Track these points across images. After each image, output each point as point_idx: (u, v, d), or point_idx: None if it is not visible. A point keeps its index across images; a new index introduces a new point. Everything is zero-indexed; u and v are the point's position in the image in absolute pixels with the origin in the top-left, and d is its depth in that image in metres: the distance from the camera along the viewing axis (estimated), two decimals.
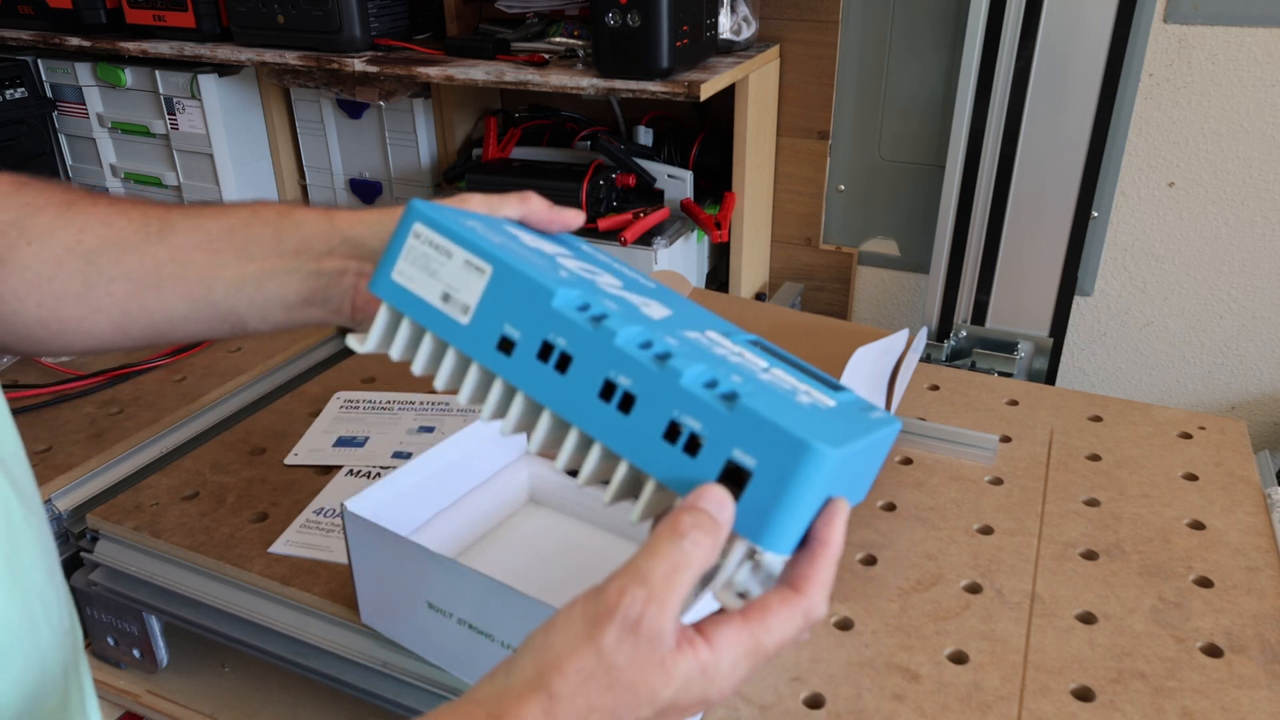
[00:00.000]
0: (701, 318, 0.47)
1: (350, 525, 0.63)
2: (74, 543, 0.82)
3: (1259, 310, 1.09)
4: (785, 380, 0.40)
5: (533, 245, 0.46)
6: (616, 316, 0.38)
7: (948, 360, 1.17)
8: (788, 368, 0.43)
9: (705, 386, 0.36)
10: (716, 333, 0.44)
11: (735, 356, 0.41)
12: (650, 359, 0.36)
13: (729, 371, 0.38)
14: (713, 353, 0.40)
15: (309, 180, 1.40)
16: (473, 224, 0.43)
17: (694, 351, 0.38)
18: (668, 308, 0.45)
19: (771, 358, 0.44)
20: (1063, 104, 1.03)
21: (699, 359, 0.37)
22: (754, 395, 0.36)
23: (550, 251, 0.46)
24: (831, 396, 0.41)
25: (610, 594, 0.33)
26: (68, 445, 0.87)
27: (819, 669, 0.64)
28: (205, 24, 1.22)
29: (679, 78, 1.00)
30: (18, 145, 1.37)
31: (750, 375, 0.39)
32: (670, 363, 0.36)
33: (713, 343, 0.42)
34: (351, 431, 0.89)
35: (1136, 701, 0.61)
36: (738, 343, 0.44)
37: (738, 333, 0.46)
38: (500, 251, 0.40)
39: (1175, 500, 0.80)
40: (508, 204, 0.49)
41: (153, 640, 0.80)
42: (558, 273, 0.42)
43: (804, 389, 0.41)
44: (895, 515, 0.78)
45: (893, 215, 1.22)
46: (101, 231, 0.49)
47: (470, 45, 1.14)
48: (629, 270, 0.51)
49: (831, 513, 0.37)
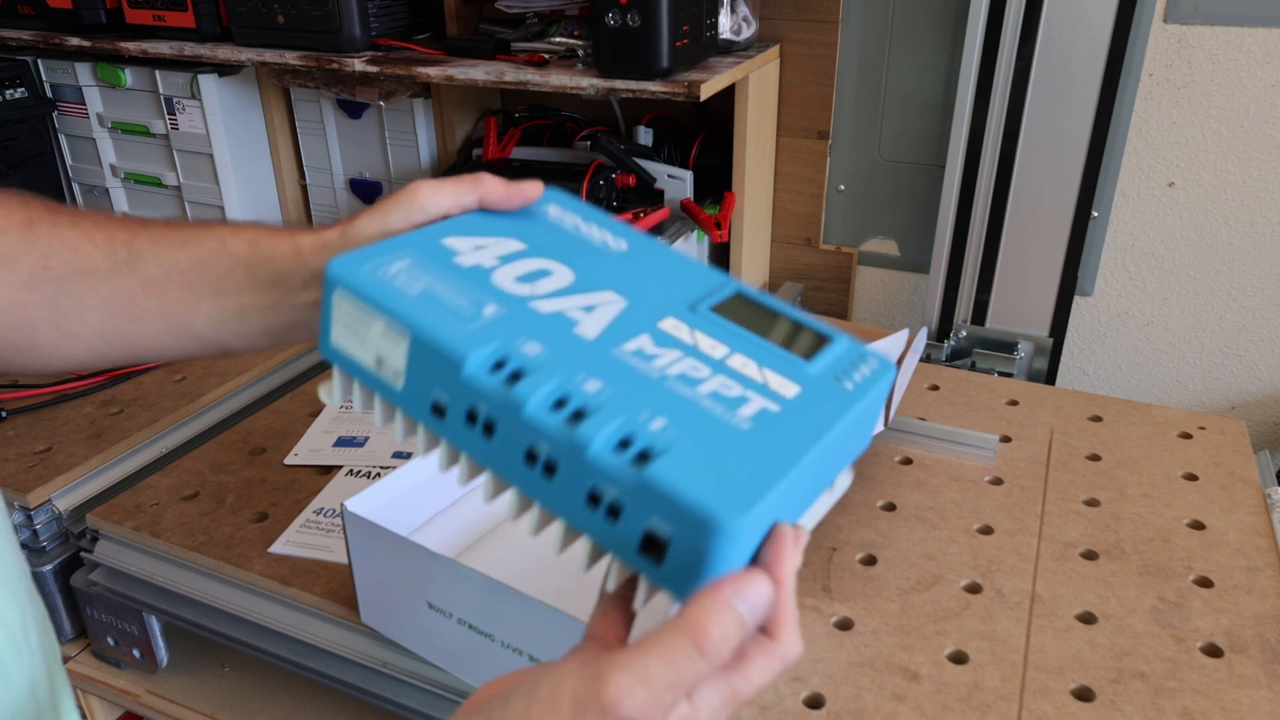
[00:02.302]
0: (667, 290, 0.44)
1: (350, 525, 0.63)
2: (74, 543, 0.82)
3: (1259, 310, 1.09)
4: (733, 385, 0.38)
5: (470, 265, 0.43)
6: (533, 372, 0.36)
7: (948, 360, 1.17)
8: (755, 341, 0.41)
9: (618, 448, 0.34)
10: (675, 318, 0.41)
11: (679, 364, 0.38)
12: (563, 424, 0.35)
13: (656, 408, 0.36)
14: (647, 376, 0.37)
15: (309, 180, 1.40)
16: (399, 266, 0.41)
17: (618, 392, 0.36)
18: (624, 295, 0.42)
19: (738, 331, 0.41)
20: (1063, 104, 1.03)
21: (619, 406, 0.35)
22: (671, 448, 0.34)
23: (491, 263, 0.43)
24: (799, 374, 0.39)
25: (609, 691, 0.31)
26: (68, 445, 0.87)
27: (819, 669, 0.64)
28: (205, 24, 1.22)
29: (679, 78, 1.00)
30: (18, 145, 1.37)
31: (681, 405, 0.36)
32: (582, 427, 0.34)
33: (657, 350, 0.39)
34: (351, 431, 0.89)
35: (1136, 701, 0.61)
36: (700, 321, 0.41)
37: (715, 292, 0.44)
38: (414, 313, 0.39)
39: (1175, 500, 0.80)
40: (461, 191, 0.47)
41: (153, 640, 0.80)
42: (480, 311, 0.39)
43: (760, 383, 0.38)
44: (895, 515, 0.78)
45: (893, 215, 1.22)
46: (68, 258, 0.47)
47: (470, 45, 1.14)
48: (601, 229, 0.48)
49: (778, 546, 0.34)
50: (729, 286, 0.45)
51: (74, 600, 0.83)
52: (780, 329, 0.42)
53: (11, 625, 0.42)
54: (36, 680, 0.43)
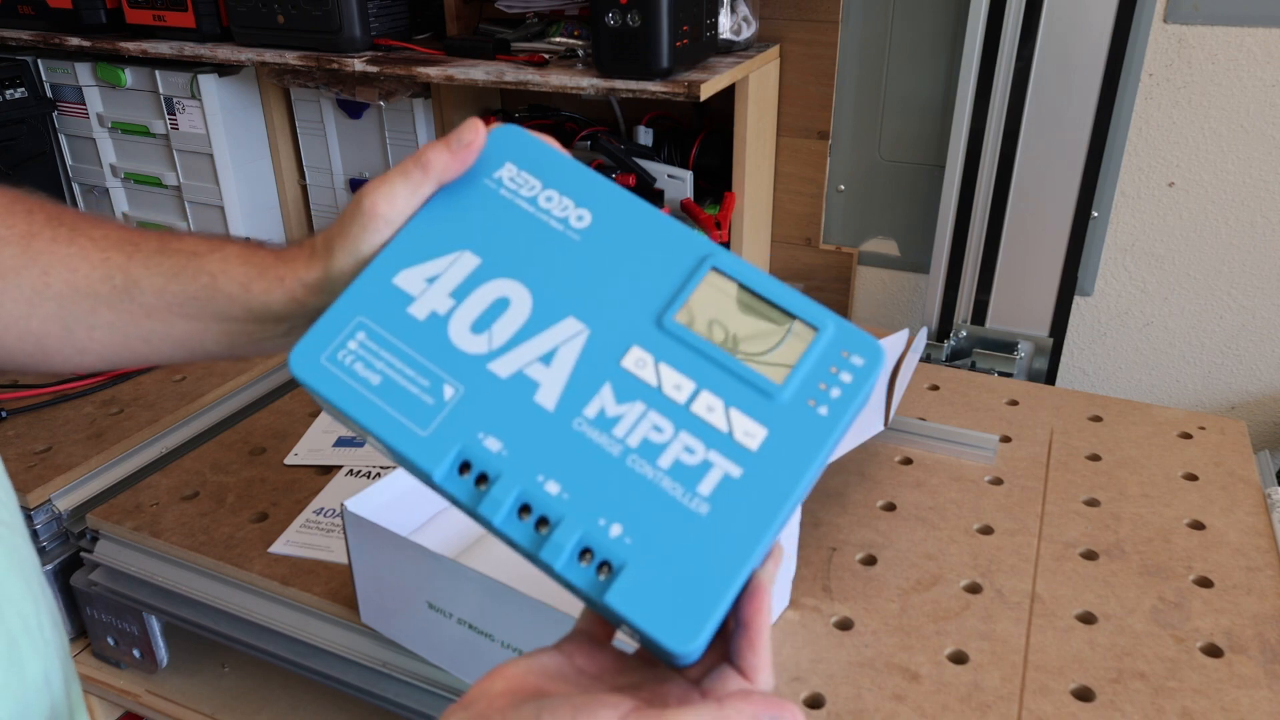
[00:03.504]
0: (633, 291, 0.41)
1: (350, 525, 0.63)
2: (74, 543, 0.82)
3: (1259, 310, 1.09)
4: (695, 446, 0.38)
5: (425, 317, 0.41)
6: (496, 480, 0.38)
7: (948, 360, 1.17)
8: (722, 364, 0.39)
9: (580, 560, 0.36)
10: (640, 348, 0.40)
11: (640, 427, 0.38)
12: (530, 535, 0.37)
13: (615, 506, 0.37)
14: (608, 455, 0.38)
15: (309, 180, 1.40)
16: (355, 344, 0.41)
17: (577, 492, 0.37)
18: (585, 320, 0.41)
19: (706, 349, 0.39)
20: (1063, 104, 1.03)
21: (578, 513, 0.37)
22: (629, 563, 0.36)
23: (445, 307, 0.41)
24: (768, 410, 0.38)
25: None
26: (68, 445, 0.87)
27: (819, 669, 0.64)
28: (205, 24, 1.22)
29: (679, 78, 0.99)
30: (18, 145, 1.37)
31: (640, 494, 0.37)
32: (546, 546, 0.37)
33: (618, 410, 0.39)
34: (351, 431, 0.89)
35: (1136, 701, 0.61)
36: (665, 346, 0.40)
37: (688, 277, 0.41)
38: (378, 419, 0.40)
39: (1175, 500, 0.80)
40: (413, 186, 0.43)
41: (153, 640, 0.80)
42: (441, 397, 0.40)
43: (724, 433, 0.38)
44: (895, 515, 0.78)
45: (893, 215, 1.22)
46: (67, 277, 0.46)
47: (470, 45, 1.14)
48: (562, 196, 0.43)
49: (753, 595, 0.36)
50: (705, 263, 0.41)
51: (74, 600, 0.83)
52: (754, 327, 0.40)
53: (27, 616, 0.42)
54: (51, 673, 0.43)
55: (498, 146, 0.45)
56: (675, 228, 0.42)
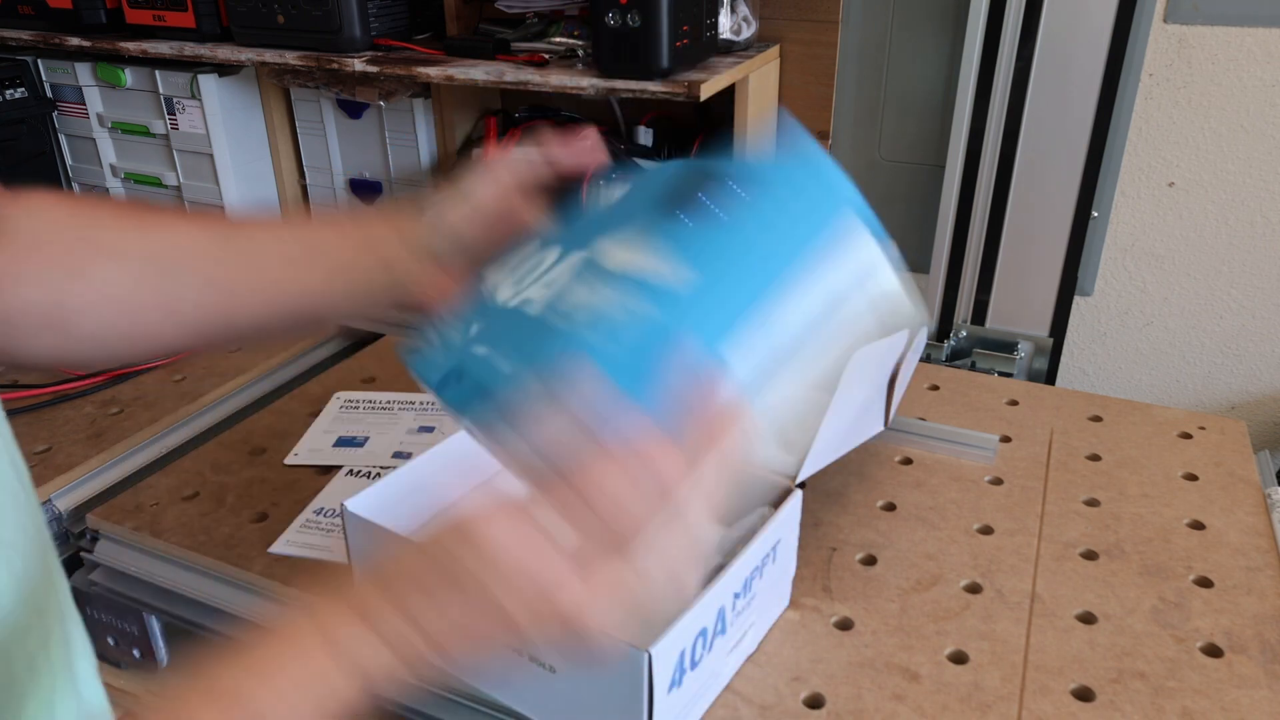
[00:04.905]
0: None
1: (350, 525, 0.63)
2: (74, 543, 0.82)
3: (1259, 310, 1.09)
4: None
5: None
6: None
7: (948, 360, 1.17)
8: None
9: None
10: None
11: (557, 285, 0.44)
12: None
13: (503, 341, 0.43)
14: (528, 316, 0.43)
15: (309, 180, 1.40)
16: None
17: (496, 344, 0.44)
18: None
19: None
20: (1063, 104, 1.03)
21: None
22: None
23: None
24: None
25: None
26: (68, 445, 0.87)
27: (819, 669, 0.64)
28: (205, 24, 1.22)
29: (679, 78, 0.99)
30: (18, 145, 1.37)
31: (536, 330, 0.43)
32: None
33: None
34: (351, 431, 0.89)
35: (1136, 701, 0.61)
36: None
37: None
38: None
39: (1175, 500, 0.80)
40: (528, 163, 0.49)
41: (153, 640, 0.80)
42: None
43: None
44: (895, 515, 0.78)
45: (893, 215, 1.22)
46: (172, 239, 0.49)
47: (470, 45, 1.14)
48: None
49: None
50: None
51: (75, 601, 0.82)
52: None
53: (34, 655, 0.42)
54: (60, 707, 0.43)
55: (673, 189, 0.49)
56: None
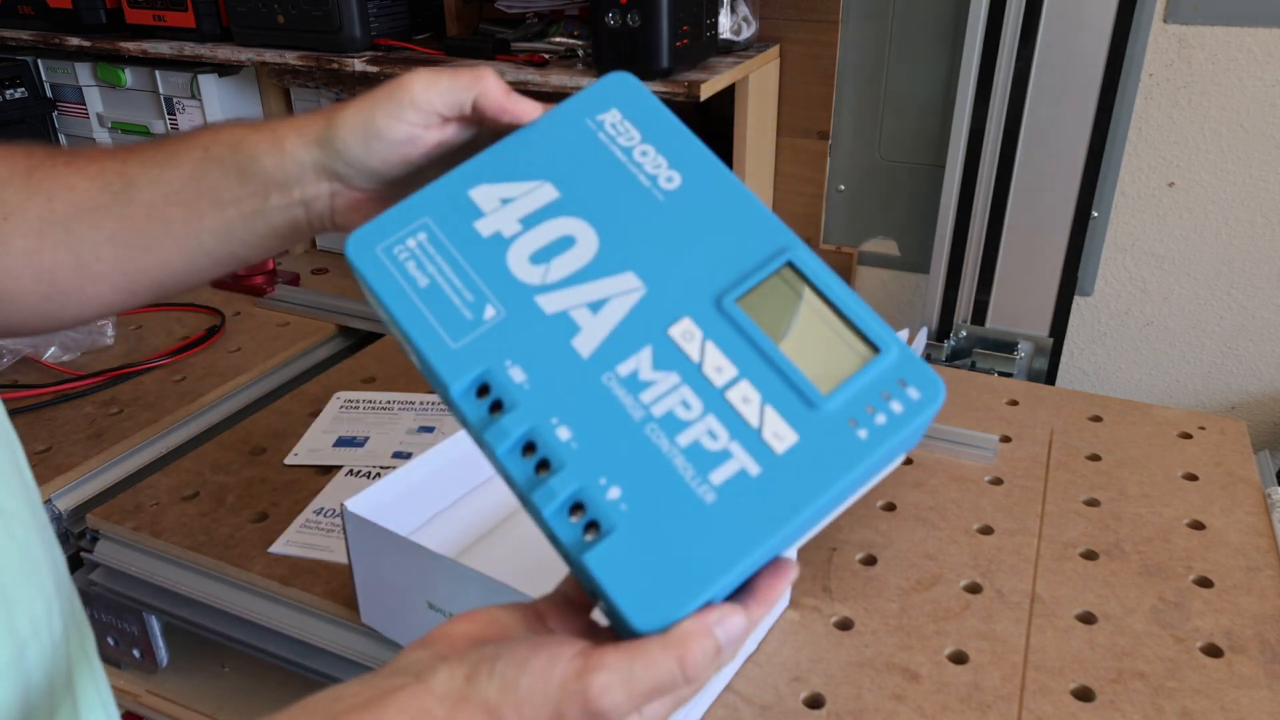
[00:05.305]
0: (703, 263, 0.39)
1: (350, 525, 0.63)
2: (74, 543, 0.82)
3: (1259, 310, 1.09)
4: (720, 433, 0.36)
5: (489, 235, 0.41)
6: (511, 409, 0.37)
7: (948, 360, 1.17)
8: (772, 357, 0.37)
9: (570, 514, 0.35)
10: (690, 320, 0.38)
11: (670, 398, 0.37)
12: (528, 474, 0.36)
13: (620, 469, 0.35)
14: (628, 416, 0.37)
15: None
16: (414, 242, 0.41)
17: (586, 444, 0.36)
18: (644, 279, 0.39)
19: (759, 339, 0.38)
20: (1063, 104, 1.03)
21: (581, 464, 0.36)
22: (617, 528, 0.34)
23: (512, 230, 0.41)
24: (807, 417, 0.36)
25: (594, 685, 0.32)
26: (68, 445, 0.87)
27: (819, 669, 0.64)
28: (205, 24, 1.21)
29: (679, 78, 0.99)
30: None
31: (649, 464, 0.36)
32: (540, 489, 0.35)
33: (652, 375, 0.37)
34: (351, 431, 0.89)
35: (1136, 701, 0.61)
36: (718, 325, 0.38)
37: (763, 263, 0.39)
38: (415, 320, 0.39)
39: (1175, 500, 0.80)
40: (458, 88, 0.44)
41: (153, 640, 0.80)
42: (481, 315, 0.39)
43: (753, 428, 0.36)
44: (895, 515, 0.78)
45: (893, 215, 1.22)
46: (67, 196, 0.48)
47: (470, 45, 1.14)
48: (659, 154, 0.42)
49: (773, 581, 0.36)
50: (782, 255, 0.39)
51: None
52: (816, 332, 0.38)
53: (38, 620, 0.41)
54: (56, 675, 0.43)
55: (609, 91, 0.44)
56: (763, 212, 0.41)
